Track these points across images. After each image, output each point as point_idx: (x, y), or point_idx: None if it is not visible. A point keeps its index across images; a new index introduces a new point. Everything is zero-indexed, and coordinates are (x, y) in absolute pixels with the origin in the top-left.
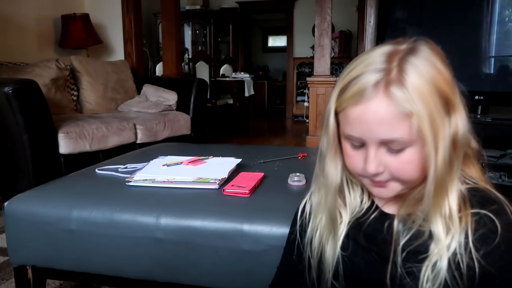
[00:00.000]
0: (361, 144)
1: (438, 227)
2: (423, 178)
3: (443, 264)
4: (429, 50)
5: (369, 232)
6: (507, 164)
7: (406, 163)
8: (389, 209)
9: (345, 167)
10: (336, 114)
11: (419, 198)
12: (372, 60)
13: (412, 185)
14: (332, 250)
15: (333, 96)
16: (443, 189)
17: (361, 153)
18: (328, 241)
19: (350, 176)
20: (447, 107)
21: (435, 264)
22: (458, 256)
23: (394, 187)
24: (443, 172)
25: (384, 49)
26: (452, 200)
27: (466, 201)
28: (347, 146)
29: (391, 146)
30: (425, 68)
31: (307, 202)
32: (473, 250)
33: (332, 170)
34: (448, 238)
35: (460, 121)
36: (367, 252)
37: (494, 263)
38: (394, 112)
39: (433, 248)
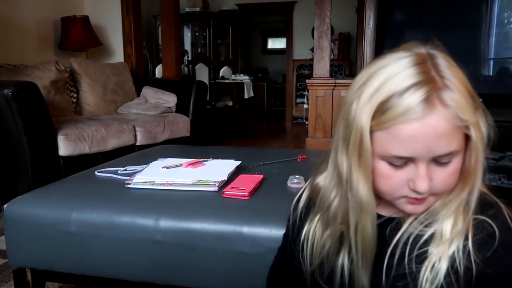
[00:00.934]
0: (404, 163)
1: (447, 224)
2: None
3: (442, 264)
4: (441, 52)
5: None
6: (506, 166)
7: (451, 174)
8: (389, 212)
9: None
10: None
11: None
12: (405, 73)
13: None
14: (341, 263)
15: (365, 115)
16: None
17: (404, 173)
18: (339, 256)
19: None
20: (476, 108)
21: (434, 264)
22: (456, 260)
23: (430, 201)
24: (479, 173)
25: (407, 57)
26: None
27: (469, 205)
28: (383, 166)
29: (442, 160)
30: (455, 71)
31: (300, 201)
32: (472, 254)
33: (367, 191)
34: (451, 236)
35: (481, 122)
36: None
37: (492, 265)
38: (452, 123)
39: (433, 249)
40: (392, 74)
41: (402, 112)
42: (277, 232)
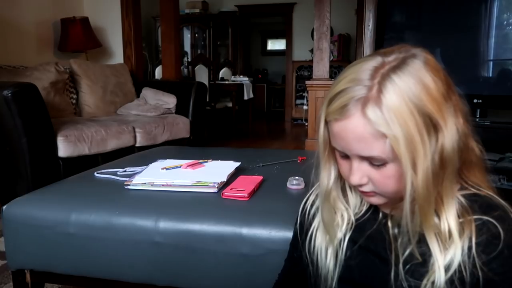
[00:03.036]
0: (346, 155)
1: (433, 246)
2: None
3: (442, 282)
4: (421, 62)
5: (369, 232)
6: (506, 168)
7: (387, 177)
8: (387, 209)
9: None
10: (326, 123)
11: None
12: (359, 76)
13: (399, 196)
14: (333, 257)
15: (324, 106)
16: (429, 209)
17: (348, 163)
18: (328, 247)
19: None
20: (431, 125)
21: (434, 281)
22: (461, 264)
23: (380, 198)
24: (424, 193)
25: (373, 62)
26: (449, 217)
27: (466, 208)
28: (337, 154)
29: (371, 161)
30: (407, 86)
31: (307, 201)
32: (476, 257)
33: (325, 177)
34: (448, 256)
35: (447, 138)
36: (366, 252)
37: (497, 269)
38: (369, 132)
39: (432, 263)
40: (351, 73)
41: (336, 109)
42: (277, 233)
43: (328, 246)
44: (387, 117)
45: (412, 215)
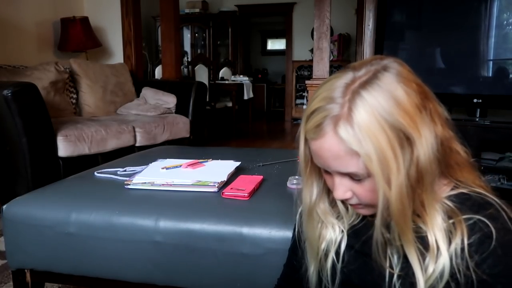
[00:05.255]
0: (327, 171)
1: (413, 261)
2: None
3: (419, 278)
4: (392, 75)
5: (364, 237)
6: (505, 167)
7: (369, 191)
8: None
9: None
10: (306, 140)
11: None
12: (331, 94)
13: None
14: (315, 271)
15: (302, 123)
16: (405, 223)
17: (332, 178)
18: (312, 261)
19: None
20: (404, 138)
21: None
22: (455, 266)
23: (370, 209)
24: (399, 207)
25: (343, 79)
26: (435, 228)
27: (455, 210)
28: (322, 169)
29: (352, 176)
30: (377, 102)
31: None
32: (468, 258)
33: (307, 194)
34: (438, 268)
35: (422, 149)
36: (363, 257)
37: (491, 268)
38: (343, 150)
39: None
40: (325, 90)
41: (312, 128)
42: (277, 233)
43: (314, 260)
44: (359, 135)
45: (386, 228)
